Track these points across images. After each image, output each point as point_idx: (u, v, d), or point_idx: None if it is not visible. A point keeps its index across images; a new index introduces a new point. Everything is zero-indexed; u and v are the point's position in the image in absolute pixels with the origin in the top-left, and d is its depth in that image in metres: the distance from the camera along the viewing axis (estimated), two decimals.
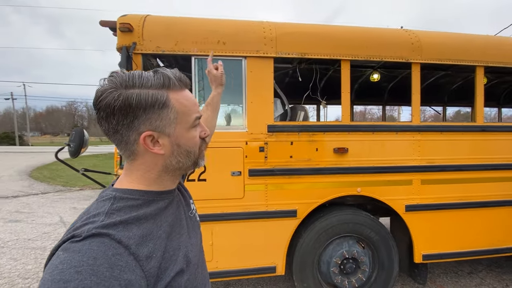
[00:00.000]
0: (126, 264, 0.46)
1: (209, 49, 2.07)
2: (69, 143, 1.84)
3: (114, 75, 0.53)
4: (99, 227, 0.47)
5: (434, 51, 2.34)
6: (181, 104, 0.57)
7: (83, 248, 0.44)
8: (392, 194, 2.31)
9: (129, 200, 0.55)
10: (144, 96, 0.52)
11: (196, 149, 0.62)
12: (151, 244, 0.52)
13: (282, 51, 2.14)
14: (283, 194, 2.18)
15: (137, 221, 0.53)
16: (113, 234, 0.47)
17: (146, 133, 0.54)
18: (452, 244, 2.40)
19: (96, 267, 0.43)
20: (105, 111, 0.51)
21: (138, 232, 0.51)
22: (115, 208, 0.52)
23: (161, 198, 0.60)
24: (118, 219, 0.50)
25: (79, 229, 0.47)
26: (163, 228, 0.57)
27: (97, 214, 0.51)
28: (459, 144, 2.37)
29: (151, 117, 0.54)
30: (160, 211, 0.59)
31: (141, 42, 2.02)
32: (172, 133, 0.57)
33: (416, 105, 2.35)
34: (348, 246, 2.29)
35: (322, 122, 2.46)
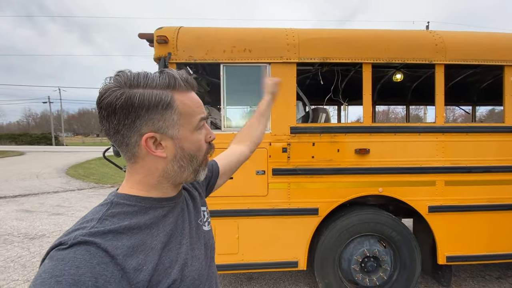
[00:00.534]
0: (112, 274, 0.44)
1: (237, 57, 2.23)
2: None
3: (119, 74, 0.51)
4: (87, 234, 0.46)
5: (458, 51, 2.33)
6: (185, 105, 0.55)
7: (67, 257, 0.42)
8: (414, 195, 2.32)
9: (125, 206, 0.53)
10: (148, 95, 0.50)
11: (200, 154, 0.59)
12: (142, 255, 0.50)
13: (304, 56, 2.25)
14: (305, 192, 2.28)
15: (128, 230, 0.50)
16: (100, 243, 0.45)
17: (148, 134, 0.52)
18: (477, 246, 2.36)
19: (78, 276, 0.41)
20: (106, 110, 0.50)
21: (128, 242, 0.49)
22: (110, 214, 0.51)
23: (160, 206, 0.57)
24: (109, 227, 0.48)
25: (68, 236, 0.46)
26: (158, 238, 0.54)
27: (91, 219, 0.49)
28: (486, 145, 2.33)
29: (153, 117, 0.52)
30: (158, 219, 0.56)
31: (175, 52, 2.22)
32: (176, 135, 0.55)
33: (440, 106, 2.35)
34: (369, 245, 2.34)
35: (343, 124, 2.53)
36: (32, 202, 6.43)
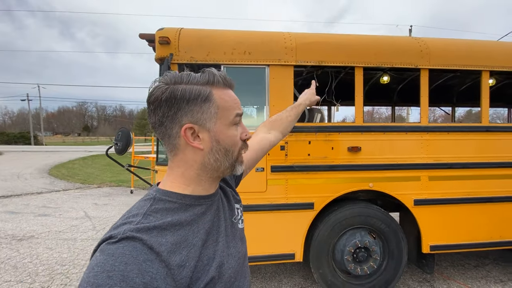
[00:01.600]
0: (157, 271, 0.46)
1: (237, 59, 2.32)
2: (116, 142, 2.11)
3: (166, 74, 0.57)
4: (134, 230, 0.48)
5: (441, 57, 2.53)
6: (223, 100, 0.58)
7: (116, 252, 0.45)
8: (401, 189, 2.51)
9: (167, 202, 0.56)
10: (189, 89, 0.55)
11: (235, 149, 0.61)
12: (185, 252, 0.52)
13: (301, 60, 2.37)
14: (302, 188, 2.41)
15: (172, 226, 0.53)
16: (145, 239, 0.48)
17: (187, 125, 0.56)
18: (457, 236, 2.58)
19: (127, 272, 0.43)
20: (153, 104, 0.55)
21: (172, 239, 0.51)
22: (153, 209, 0.53)
23: (198, 203, 0.59)
24: (153, 223, 0.51)
25: (117, 230, 0.49)
26: (199, 235, 0.56)
27: (136, 214, 0.52)
28: (465, 144, 2.55)
29: (193, 109, 0.56)
30: (197, 217, 0.58)
31: (177, 53, 2.28)
32: (212, 128, 0.58)
33: (425, 107, 2.54)
34: (360, 236, 2.50)
35: (337, 123, 2.68)
36: (15, 204, 6.21)
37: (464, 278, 2.94)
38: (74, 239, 4.21)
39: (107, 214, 5.44)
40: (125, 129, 2.12)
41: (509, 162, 2.59)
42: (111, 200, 6.62)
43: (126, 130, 2.11)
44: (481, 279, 2.93)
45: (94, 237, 4.28)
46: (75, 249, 3.84)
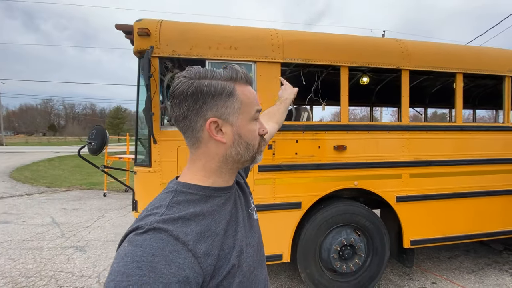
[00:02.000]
0: (184, 261, 0.48)
1: (222, 54, 2.23)
2: (90, 141, 1.93)
3: (189, 69, 0.58)
4: (160, 221, 0.50)
5: (420, 59, 2.63)
6: (245, 96, 0.61)
7: (144, 244, 0.47)
8: (384, 187, 2.57)
9: (188, 194, 0.58)
10: (214, 84, 0.57)
11: (255, 143, 0.63)
12: (209, 241, 0.54)
13: (288, 57, 2.34)
14: (289, 187, 2.37)
15: (195, 217, 0.55)
16: (171, 230, 0.49)
17: (212, 119, 0.57)
18: (436, 230, 2.70)
19: (155, 264, 0.45)
20: (178, 97, 0.56)
21: (196, 228, 0.53)
22: (175, 201, 0.55)
23: (218, 195, 0.62)
24: (177, 214, 0.53)
25: (143, 221, 0.51)
26: (221, 225, 0.58)
27: (160, 206, 0.54)
28: (442, 142, 2.68)
29: (218, 104, 0.57)
30: (218, 207, 0.60)
31: (158, 46, 2.14)
32: (235, 122, 0.60)
33: (406, 107, 2.62)
34: (346, 234, 2.53)
35: (324, 122, 2.68)
36: None
37: (439, 270, 3.09)
38: (41, 248, 3.85)
39: (78, 220, 5.05)
40: (99, 127, 1.95)
41: (481, 159, 2.75)
42: (82, 204, 6.17)
43: (101, 127, 1.94)
44: (455, 270, 3.10)
45: (63, 245, 3.94)
46: (42, 259, 3.51)
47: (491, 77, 2.91)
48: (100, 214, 5.38)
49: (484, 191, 2.77)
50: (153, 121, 2.09)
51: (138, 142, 2.37)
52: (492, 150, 2.80)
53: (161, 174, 2.16)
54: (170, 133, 2.19)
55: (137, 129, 2.39)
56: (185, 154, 2.19)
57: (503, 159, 2.82)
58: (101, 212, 5.52)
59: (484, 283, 2.80)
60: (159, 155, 2.16)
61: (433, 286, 2.77)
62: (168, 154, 2.17)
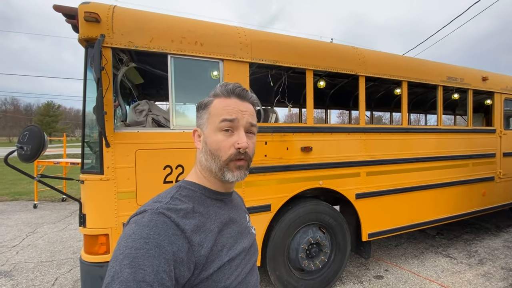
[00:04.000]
0: (182, 245, 0.55)
1: (187, 49, 2.06)
2: (21, 145, 1.57)
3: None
4: (165, 208, 0.58)
5: (374, 66, 2.86)
6: (214, 107, 0.67)
7: (150, 224, 0.54)
8: (345, 185, 2.72)
9: (190, 191, 0.66)
10: (203, 100, 0.70)
11: (220, 154, 0.64)
12: (203, 234, 0.59)
13: (256, 57, 2.28)
14: (259, 190, 2.33)
15: (194, 212, 0.61)
16: (173, 217, 0.56)
17: (195, 128, 0.72)
18: (388, 222, 2.97)
19: (160, 241, 0.52)
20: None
21: (194, 221, 0.59)
22: (179, 195, 0.63)
23: (214, 197, 0.68)
24: (179, 206, 0.60)
25: (149, 206, 0.59)
26: (215, 224, 0.63)
27: (165, 196, 0.62)
28: (392, 143, 2.96)
29: (198, 115, 0.71)
30: (214, 209, 0.66)
31: (111, 35, 1.87)
32: (205, 131, 0.69)
33: (362, 110, 2.82)
34: (312, 232, 2.60)
35: (291, 124, 2.71)
36: None
37: (390, 258, 3.42)
38: None
39: (0, 239, 4.17)
40: (34, 127, 1.61)
41: (422, 157, 3.13)
42: (5, 220, 5.14)
43: (36, 128, 1.60)
44: (401, 256, 3.47)
45: None
46: None
47: (427, 85, 3.33)
48: (31, 230, 4.54)
49: (421, 185, 3.16)
50: (105, 121, 1.82)
51: (85, 146, 2.03)
52: (429, 149, 3.22)
53: (116, 182, 1.89)
54: (126, 135, 1.94)
55: (84, 131, 2.05)
56: (144, 159, 1.96)
57: (436, 157, 3.26)
58: (32, 227, 4.66)
59: (425, 266, 3.19)
60: (113, 161, 1.88)
61: (386, 273, 3.04)
62: (123, 159, 1.91)
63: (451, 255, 3.45)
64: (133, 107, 2.27)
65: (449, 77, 3.35)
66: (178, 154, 2.05)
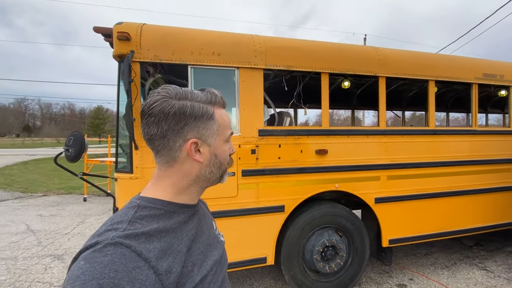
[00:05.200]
0: (146, 278, 0.47)
1: (205, 60, 2.24)
2: (67, 148, 1.88)
3: (166, 87, 0.58)
4: (122, 236, 0.48)
5: (396, 66, 2.76)
6: (222, 119, 0.64)
7: (105, 260, 0.44)
8: (363, 189, 2.67)
9: (152, 209, 0.56)
10: (196, 107, 0.59)
11: (225, 162, 0.66)
12: (171, 258, 0.53)
13: (270, 64, 2.38)
14: (272, 191, 2.42)
15: (158, 233, 0.53)
16: (134, 246, 0.48)
17: (193, 140, 0.59)
18: (412, 229, 2.84)
19: (117, 280, 0.43)
20: (157, 116, 0.55)
21: (159, 245, 0.52)
22: (138, 216, 0.54)
23: (182, 211, 0.61)
24: (140, 230, 0.51)
25: (102, 236, 0.48)
26: (183, 243, 0.57)
27: (121, 221, 0.52)
28: (417, 145, 2.82)
29: (199, 126, 0.59)
30: (181, 224, 0.59)
31: (139, 51, 2.12)
32: (213, 143, 0.62)
33: (383, 112, 2.74)
34: (328, 235, 2.61)
35: (306, 127, 2.75)
36: None
37: (416, 266, 3.25)
38: (15, 258, 3.67)
39: (55, 227, 4.85)
40: (77, 133, 1.90)
41: (451, 161, 2.93)
42: (60, 210, 5.92)
43: (79, 134, 1.89)
44: (430, 266, 3.27)
45: (40, 254, 3.78)
46: (16, 270, 3.35)
47: (460, 83, 3.10)
48: (80, 220, 5.19)
49: (455, 191, 2.95)
50: (134, 126, 2.06)
51: (119, 148, 2.32)
52: (461, 152, 2.99)
53: (143, 181, 2.13)
54: None
55: (117, 134, 2.34)
56: None
57: (470, 160, 3.02)
58: (81, 218, 5.32)
59: (456, 278, 2.97)
60: (141, 161, 2.13)
61: (410, 282, 2.90)
62: (150, 160, 2.14)
63: (488, 268, 3.16)
64: None
65: (485, 74, 3.08)
66: None
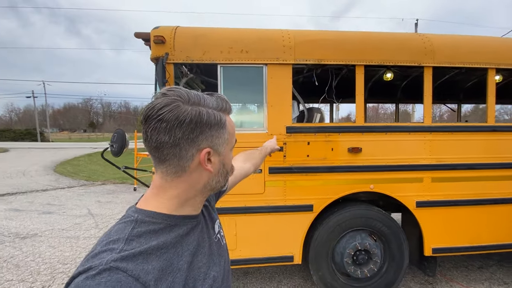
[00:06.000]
0: None
1: (234, 58, 2.27)
2: (111, 143, 2.09)
3: (175, 90, 0.52)
4: (117, 259, 0.45)
5: (446, 54, 2.44)
6: (231, 127, 0.61)
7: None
8: (403, 191, 2.45)
9: (151, 224, 0.52)
10: (212, 114, 0.54)
11: (230, 171, 0.64)
12: (171, 278, 0.50)
13: (300, 58, 2.31)
14: (300, 190, 2.36)
15: (157, 250, 0.50)
16: (131, 270, 0.45)
17: (207, 149, 0.55)
18: (461, 238, 2.52)
19: None
20: (170, 122, 0.49)
21: (158, 264, 0.49)
22: (136, 233, 0.50)
23: (183, 224, 0.57)
24: (138, 249, 0.48)
25: (96, 259, 0.45)
26: (184, 258, 0.54)
27: (117, 240, 0.49)
28: (470, 144, 2.47)
29: (214, 134, 0.55)
30: (181, 238, 0.56)
31: (173, 53, 2.24)
32: (223, 152, 0.59)
33: (428, 106, 2.46)
34: (360, 238, 2.46)
35: (337, 124, 2.62)
36: (20, 201, 6.29)
37: (467, 280, 2.88)
38: (77, 237, 4.25)
39: (110, 212, 5.48)
40: (120, 131, 2.10)
41: None
42: (114, 198, 6.67)
43: (121, 131, 2.09)
44: (484, 281, 2.87)
45: (96, 235, 4.32)
46: (78, 248, 3.87)
47: None
48: None
49: None
50: None
51: None
52: None
53: None
54: None
55: None
56: None
57: None
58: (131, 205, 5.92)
59: None
60: None
61: None
62: None
63: None
64: None
65: None
66: None
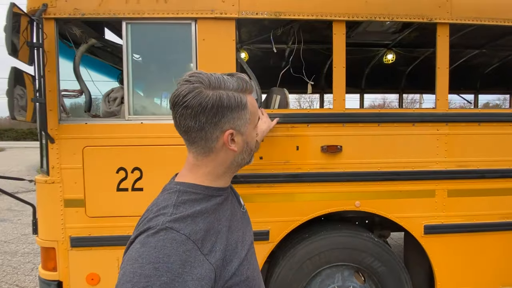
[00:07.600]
0: (195, 259, 0.50)
1: (146, 11, 1.51)
2: None
3: (197, 75, 0.56)
4: (171, 221, 0.51)
5: (469, 6, 1.64)
6: (253, 106, 0.63)
7: (158, 245, 0.48)
8: (405, 210, 1.66)
9: (192, 194, 0.58)
10: (232, 97, 0.57)
11: (254, 148, 0.67)
12: (213, 238, 0.56)
13: (247, 10, 1.53)
14: (250, 209, 1.59)
15: (201, 214, 0.56)
16: (182, 229, 0.51)
17: (230, 131, 0.59)
18: (491, 280, 1.72)
19: (170, 264, 0.47)
20: (194, 109, 0.54)
21: (203, 226, 0.55)
22: (181, 201, 0.56)
23: (218, 194, 0.63)
24: (186, 212, 0.54)
25: (153, 221, 0.52)
26: (222, 222, 0.60)
27: (166, 206, 0.55)
28: (507, 140, 1.67)
29: (235, 116, 0.59)
30: (218, 206, 0.62)
31: (54, 3, 1.49)
32: (245, 132, 0.62)
33: (443, 85, 1.67)
34: (341, 279, 1.69)
35: (305, 110, 1.86)
36: None
37: None
38: (15, 253, 3.61)
39: None
40: None
41: None
42: None
43: None
44: None
45: (38, 251, 3.63)
46: (8, 267, 3.22)
47: None
48: None
49: None
50: (47, 110, 1.47)
51: None
52: None
53: (62, 186, 1.53)
54: (72, 127, 1.55)
55: None
56: (93, 158, 1.53)
57: None
58: None
59: None
60: (58, 160, 1.53)
61: None
62: (70, 158, 1.53)
63: None
64: (106, 95, 1.89)
65: None
66: (134, 153, 1.54)
